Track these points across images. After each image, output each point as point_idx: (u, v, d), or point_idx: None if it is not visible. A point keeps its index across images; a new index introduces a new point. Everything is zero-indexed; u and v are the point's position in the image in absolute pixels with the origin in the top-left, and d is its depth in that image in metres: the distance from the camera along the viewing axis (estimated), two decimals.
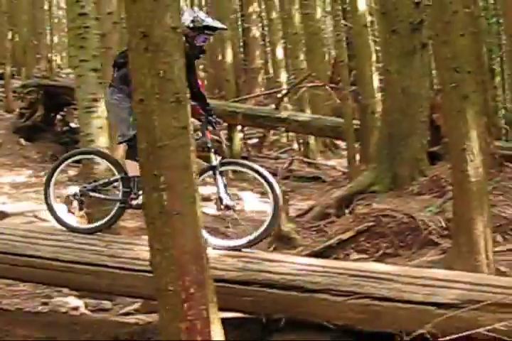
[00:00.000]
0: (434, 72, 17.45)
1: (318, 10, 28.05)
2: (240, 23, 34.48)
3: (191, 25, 6.42)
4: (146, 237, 4.56)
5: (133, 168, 6.47)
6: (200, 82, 6.88)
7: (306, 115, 19.50)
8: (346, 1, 23.23)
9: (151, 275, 4.49)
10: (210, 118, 6.71)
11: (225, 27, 7.32)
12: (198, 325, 4.19)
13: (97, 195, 6.88)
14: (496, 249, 8.10)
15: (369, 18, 17.80)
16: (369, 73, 15.82)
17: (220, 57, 26.53)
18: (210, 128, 6.72)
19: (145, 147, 4.25)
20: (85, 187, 6.89)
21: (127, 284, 6.29)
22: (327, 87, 19.62)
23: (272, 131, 21.89)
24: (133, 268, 6.19)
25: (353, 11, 16.87)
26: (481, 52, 24.88)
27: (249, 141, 21.74)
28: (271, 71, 33.38)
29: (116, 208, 6.78)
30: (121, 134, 6.59)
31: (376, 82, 15.87)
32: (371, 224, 8.95)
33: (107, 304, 7.77)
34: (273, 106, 19.75)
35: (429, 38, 11.41)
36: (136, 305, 7.42)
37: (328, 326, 5.67)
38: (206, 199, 9.65)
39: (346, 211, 10.41)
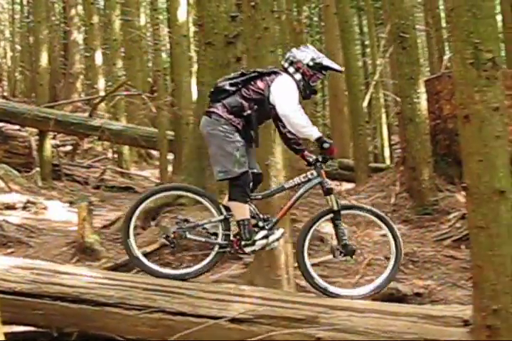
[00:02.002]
0: None
1: (142, 17, 28.02)
2: (62, 25, 33.92)
3: (311, 63, 6.16)
4: None
5: (241, 211, 6.05)
6: None
7: (120, 124, 19.32)
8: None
9: None
10: (324, 143, 6.07)
11: (342, 69, 6.94)
12: None
13: (195, 237, 6.24)
14: None
15: (193, 29, 17.90)
16: (185, 84, 15.92)
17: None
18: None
19: None
20: (181, 227, 6.15)
21: None
22: (143, 96, 19.56)
23: (87, 139, 21.58)
24: None
25: (172, 21, 16.96)
26: None
27: (62, 148, 21.35)
28: None
29: (214, 252, 6.20)
30: (223, 170, 6.00)
31: (194, 93, 15.98)
32: None
33: None
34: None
35: (244, 52, 11.61)
36: None
37: (121, 340, 5.68)
38: None
39: (152, 223, 10.40)
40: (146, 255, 8.96)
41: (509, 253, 4.46)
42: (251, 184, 6.12)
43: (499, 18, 22.77)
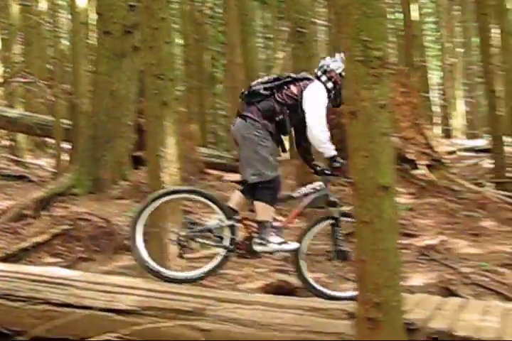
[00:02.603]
0: None
1: (42, 2, 27.41)
2: None
3: (343, 73, 6.08)
4: None
5: (267, 212, 6.18)
6: None
7: (15, 111, 18.85)
8: None
9: None
10: (335, 163, 6.25)
11: None
12: None
13: (204, 240, 6.29)
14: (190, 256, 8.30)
15: (93, 16, 17.64)
16: (83, 72, 15.74)
17: None
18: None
19: None
20: (192, 231, 6.22)
21: None
22: (40, 84, 19.17)
23: None
24: None
25: (72, 8, 16.73)
26: (202, 59, 25.63)
27: None
28: None
29: (221, 256, 6.28)
30: (257, 173, 6.10)
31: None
32: (67, 227, 8.86)
33: None
34: None
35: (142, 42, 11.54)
36: None
37: (7, 332, 5.59)
38: None
39: (44, 213, 10.24)
40: (36, 245, 8.89)
41: (391, 247, 4.55)
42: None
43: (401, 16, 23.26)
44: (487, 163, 16.87)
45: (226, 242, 6.24)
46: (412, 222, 9.61)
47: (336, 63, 6.46)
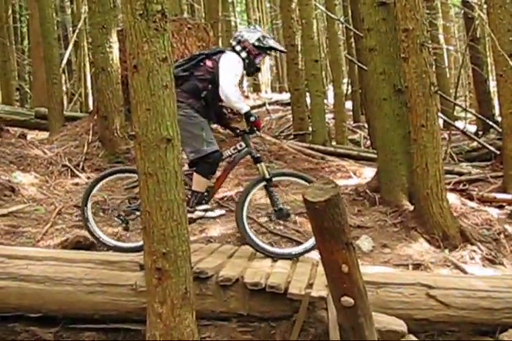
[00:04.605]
0: None
1: None
2: None
3: (256, 43, 6.74)
4: None
5: (201, 184, 6.53)
6: None
7: None
8: None
9: None
10: (251, 117, 6.61)
11: (285, 50, 7.75)
12: None
13: None
14: None
15: None
16: None
17: None
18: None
19: None
20: (129, 206, 6.70)
21: None
22: None
23: None
24: None
25: None
26: (5, 14, 24.72)
27: None
28: None
29: None
30: (194, 150, 6.46)
31: None
32: None
33: None
34: None
35: None
36: None
37: None
38: None
39: None
40: None
41: (176, 198, 4.66)
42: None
43: None
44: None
45: None
46: None
47: (249, 33, 6.84)
